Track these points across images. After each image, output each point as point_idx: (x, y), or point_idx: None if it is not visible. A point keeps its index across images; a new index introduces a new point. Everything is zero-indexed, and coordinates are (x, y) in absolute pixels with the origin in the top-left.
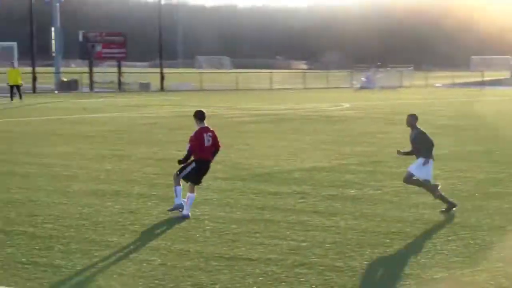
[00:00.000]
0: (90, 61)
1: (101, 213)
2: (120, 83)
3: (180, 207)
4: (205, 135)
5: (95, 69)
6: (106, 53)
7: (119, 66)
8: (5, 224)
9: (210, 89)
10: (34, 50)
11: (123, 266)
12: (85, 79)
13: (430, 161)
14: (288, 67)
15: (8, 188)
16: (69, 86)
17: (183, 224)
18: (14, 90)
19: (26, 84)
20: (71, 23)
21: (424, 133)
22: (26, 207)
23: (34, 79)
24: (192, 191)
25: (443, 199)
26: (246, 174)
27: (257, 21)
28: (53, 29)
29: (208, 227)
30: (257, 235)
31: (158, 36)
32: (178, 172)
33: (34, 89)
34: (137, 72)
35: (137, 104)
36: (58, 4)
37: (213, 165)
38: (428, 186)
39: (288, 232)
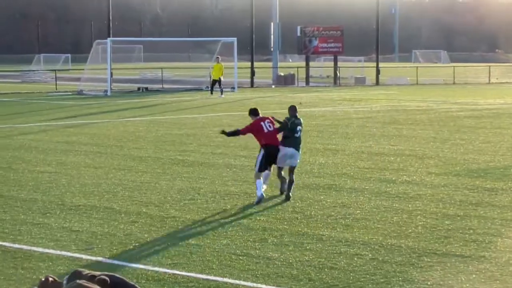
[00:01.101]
0: (307, 56)
1: (314, 206)
2: (336, 77)
3: (261, 198)
4: (262, 123)
5: (311, 64)
6: (323, 47)
7: (335, 61)
8: (221, 216)
9: (426, 83)
10: (253, 46)
11: (334, 259)
12: (301, 74)
13: (285, 149)
14: (509, 61)
15: (224, 181)
16: (285, 81)
17: (395, 219)
18: (220, 84)
19: (244, 79)
20: (288, 18)
21: (288, 121)
22: (241, 200)
23: (253, 73)
24: (258, 177)
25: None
26: (461, 169)
27: (477, 14)
28: (272, 24)
29: (421, 223)
30: (471, 231)
31: (375, 30)
32: (255, 168)
33: (252, 84)
34: (352, 66)
35: (352, 98)
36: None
37: (426, 160)
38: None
39: (503, 230)
